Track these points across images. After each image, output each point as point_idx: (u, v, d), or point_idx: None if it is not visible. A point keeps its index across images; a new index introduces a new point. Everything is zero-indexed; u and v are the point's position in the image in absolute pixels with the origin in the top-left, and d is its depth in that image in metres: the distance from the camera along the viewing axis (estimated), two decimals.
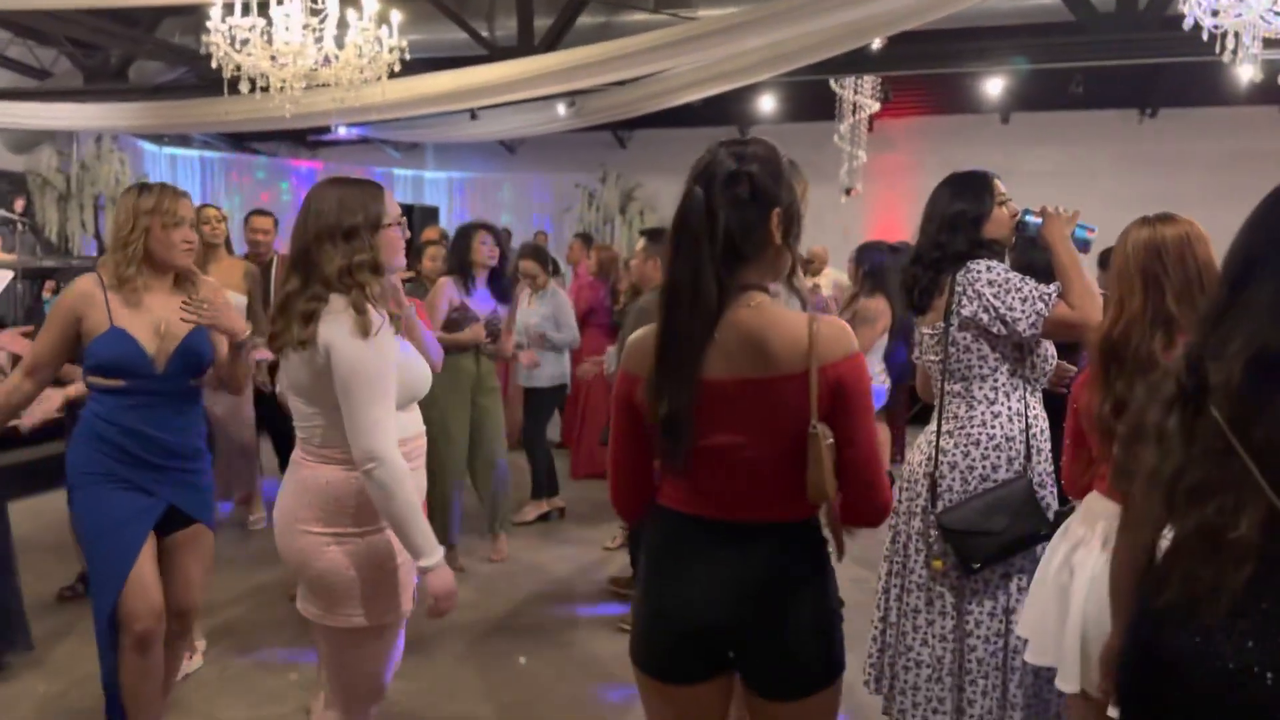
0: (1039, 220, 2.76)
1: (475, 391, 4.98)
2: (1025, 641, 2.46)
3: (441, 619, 2.23)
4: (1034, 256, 5.94)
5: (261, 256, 5.71)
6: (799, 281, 1.78)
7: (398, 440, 2.12)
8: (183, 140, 12.88)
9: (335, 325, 2.08)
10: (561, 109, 10.27)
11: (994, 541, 2.53)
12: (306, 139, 14.23)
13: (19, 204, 8.40)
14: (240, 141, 13.65)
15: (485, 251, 4.95)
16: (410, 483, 2.09)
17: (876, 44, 7.81)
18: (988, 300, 2.61)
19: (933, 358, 2.80)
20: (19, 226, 8.15)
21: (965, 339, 2.68)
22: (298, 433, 2.25)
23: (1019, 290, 2.60)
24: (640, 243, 4.81)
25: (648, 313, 4.14)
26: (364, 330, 2.08)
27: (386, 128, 11.96)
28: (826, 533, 1.80)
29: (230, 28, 5.60)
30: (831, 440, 1.66)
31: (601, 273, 7.47)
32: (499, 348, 5.02)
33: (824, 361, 1.66)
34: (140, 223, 2.68)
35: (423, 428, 2.34)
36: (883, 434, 6.26)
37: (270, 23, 5.71)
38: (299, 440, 2.25)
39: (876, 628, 2.83)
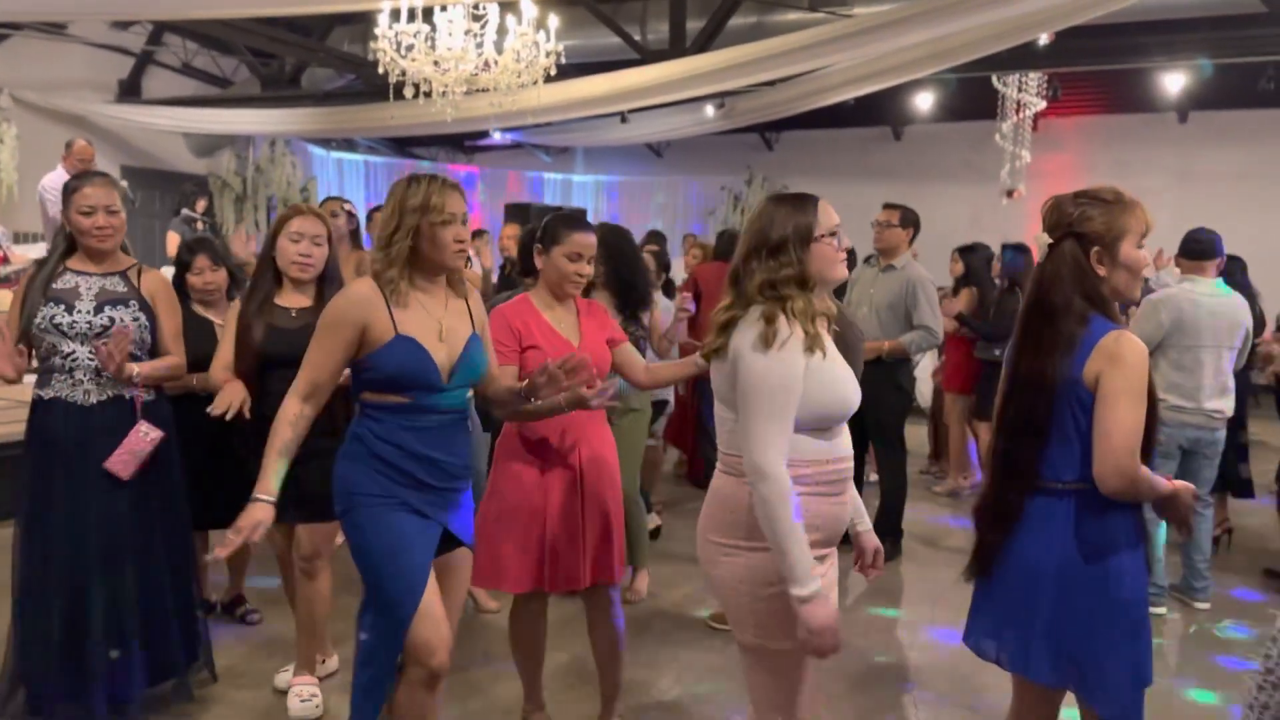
0: None
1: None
2: None
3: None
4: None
5: None
6: None
7: (808, 462, 2.07)
8: (349, 145, 13.53)
9: (743, 334, 2.06)
10: (710, 110, 10.25)
11: None
12: (463, 144, 14.72)
13: (201, 204, 8.96)
14: (401, 146, 14.24)
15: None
16: (789, 506, 1.99)
17: (1044, 38, 7.47)
18: None
19: None
20: (200, 225, 8.70)
21: None
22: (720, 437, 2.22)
23: None
24: None
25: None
26: (766, 341, 2.02)
27: (539, 132, 12.25)
28: None
29: (397, 34, 5.81)
30: None
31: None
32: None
33: None
34: (407, 221, 2.36)
35: (848, 452, 2.19)
36: None
37: (434, 29, 5.91)
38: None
39: None
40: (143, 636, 3.01)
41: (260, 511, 2.24)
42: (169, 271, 4.19)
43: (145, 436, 2.93)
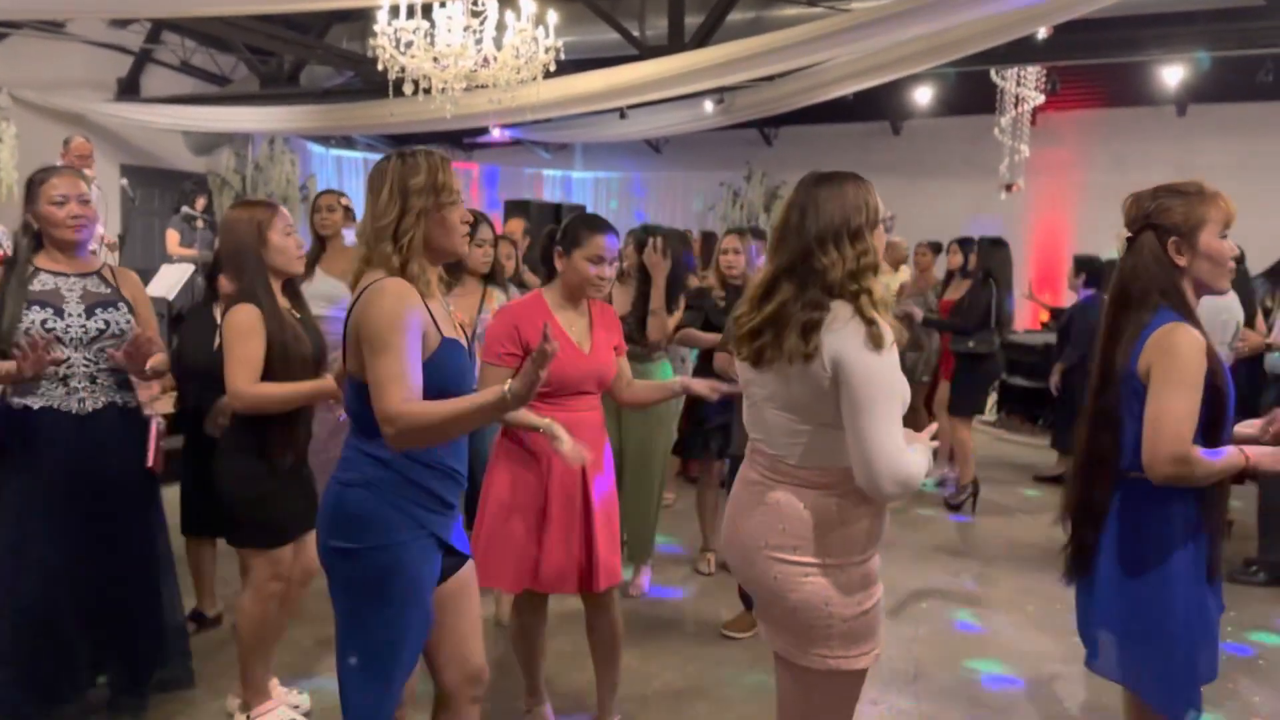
0: None
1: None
2: None
3: None
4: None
5: None
6: None
7: None
8: (347, 142, 13.52)
9: (845, 336, 1.89)
10: (709, 106, 10.24)
11: None
12: (462, 141, 14.71)
13: (200, 202, 8.95)
14: (400, 144, 14.22)
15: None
16: (921, 476, 1.93)
17: (1043, 32, 7.47)
18: None
19: None
20: (200, 223, 8.70)
21: None
22: (764, 449, 2.04)
23: None
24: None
25: None
26: (878, 343, 1.87)
27: (538, 129, 12.23)
28: None
29: (396, 30, 5.81)
30: None
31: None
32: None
33: None
34: (414, 204, 2.06)
35: None
36: None
37: (433, 25, 5.90)
38: (763, 458, 2.04)
39: None
40: (136, 646, 3.01)
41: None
42: (175, 270, 4.18)
43: (161, 425, 2.97)
